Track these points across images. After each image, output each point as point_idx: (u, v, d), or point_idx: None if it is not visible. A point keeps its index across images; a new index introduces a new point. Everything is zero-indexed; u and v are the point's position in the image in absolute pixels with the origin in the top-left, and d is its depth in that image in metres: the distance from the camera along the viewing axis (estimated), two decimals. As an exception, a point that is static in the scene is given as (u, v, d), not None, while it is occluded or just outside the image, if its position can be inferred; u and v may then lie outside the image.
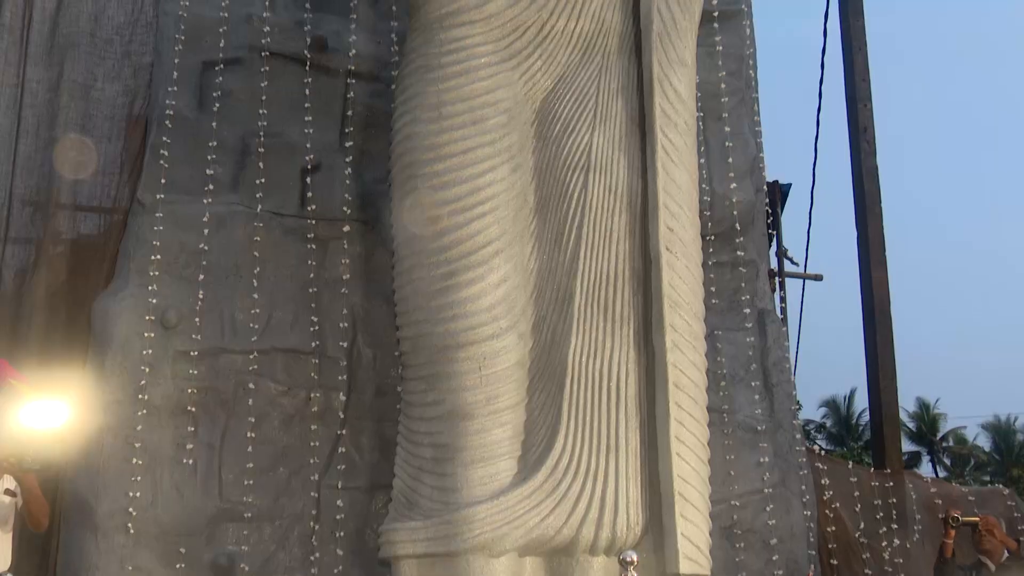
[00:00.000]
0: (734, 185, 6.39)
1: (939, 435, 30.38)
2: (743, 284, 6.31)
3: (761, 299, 6.47)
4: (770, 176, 7.32)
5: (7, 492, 4.54)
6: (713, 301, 6.14)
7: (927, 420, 30.24)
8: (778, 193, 8.76)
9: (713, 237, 6.18)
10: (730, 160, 6.46)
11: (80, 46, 6.28)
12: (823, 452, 7.63)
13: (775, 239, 7.71)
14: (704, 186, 6.22)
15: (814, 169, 8.69)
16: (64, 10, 6.33)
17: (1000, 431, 30.06)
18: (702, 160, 6.23)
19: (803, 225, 8.91)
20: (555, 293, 4.93)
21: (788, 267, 7.74)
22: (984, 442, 30.48)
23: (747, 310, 6.27)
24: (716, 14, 6.60)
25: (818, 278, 8.01)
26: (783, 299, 7.39)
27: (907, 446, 26.63)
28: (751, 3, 7.02)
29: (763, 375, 6.25)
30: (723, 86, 6.58)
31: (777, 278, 7.39)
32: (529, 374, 4.80)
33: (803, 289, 8.67)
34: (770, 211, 7.31)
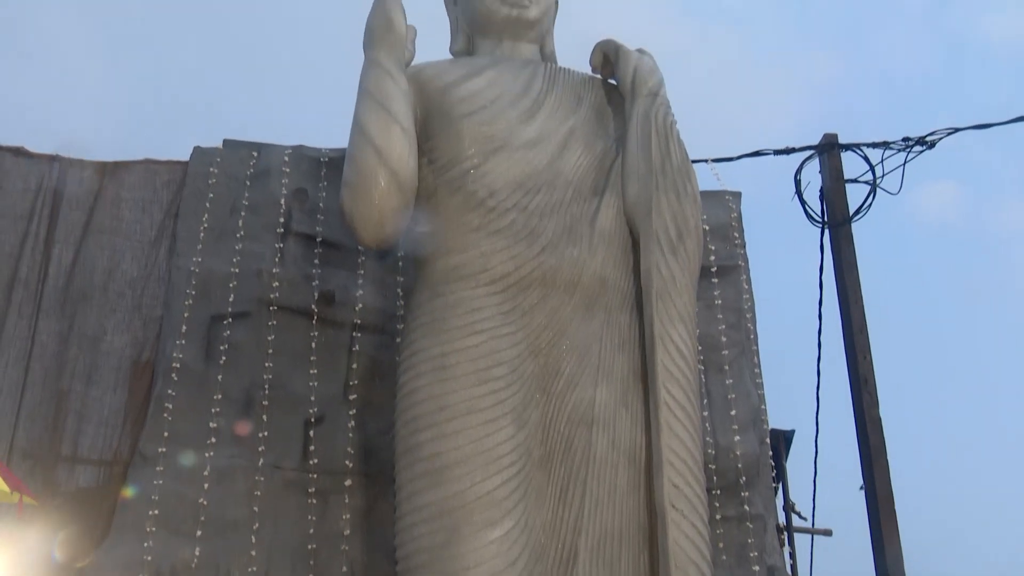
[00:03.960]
0: (738, 438, 6.36)
1: None
2: (751, 540, 6.17)
3: (770, 555, 6.31)
4: (772, 422, 7.30)
5: None
6: (722, 557, 6.00)
7: (947, 676, 28.83)
8: (782, 441, 8.70)
9: (719, 491, 6.11)
10: (733, 412, 6.46)
11: (93, 299, 6.42)
12: None
13: (781, 491, 7.61)
14: (708, 439, 6.20)
15: (817, 418, 8.67)
16: (80, 264, 6.51)
17: None
18: (705, 413, 6.25)
19: (808, 471, 8.80)
20: (559, 551, 4.81)
21: (796, 522, 7.60)
22: None
23: (756, 567, 6.10)
24: (714, 269, 6.78)
25: (827, 533, 7.85)
26: (792, 555, 7.21)
27: None
28: (748, 258, 7.21)
29: (775, 636, 6.02)
30: (723, 339, 6.68)
31: (785, 533, 7.24)
32: (533, 637, 4.61)
33: (812, 544, 8.46)
34: (774, 463, 7.25)
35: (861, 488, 6.80)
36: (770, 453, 6.86)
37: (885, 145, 7.76)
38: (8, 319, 6.26)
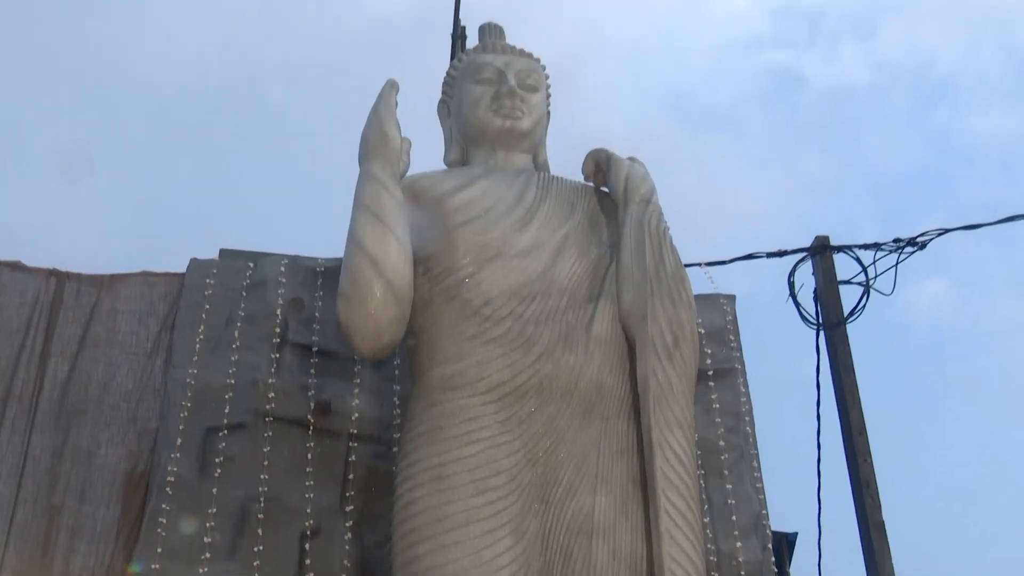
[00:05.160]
0: (740, 544, 6.27)
1: None
2: (757, 650, 6.05)
3: (776, 665, 6.17)
4: (774, 524, 7.21)
5: None
6: (727, 669, 5.87)
7: None
8: (784, 544, 8.57)
9: (722, 599, 5.99)
10: (734, 518, 6.38)
11: (87, 413, 6.38)
12: None
13: (786, 597, 7.47)
14: (709, 545, 6.11)
15: (819, 520, 8.56)
16: (75, 377, 6.49)
17: None
18: (706, 519, 6.16)
19: (812, 575, 8.62)
20: (561, 665, 4.72)
21: (803, 630, 7.43)
22: None
23: (763, 678, 5.97)
24: (711, 373, 6.77)
25: (835, 642, 7.66)
26: (800, 666, 7.05)
27: None
28: (744, 361, 7.21)
29: None
30: (722, 443, 6.64)
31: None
32: None
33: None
34: (777, 568, 7.12)
35: None
36: (772, 559, 6.75)
37: (877, 247, 7.83)
38: (1, 434, 6.21)
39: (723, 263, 7.91)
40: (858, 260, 7.85)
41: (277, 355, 6.42)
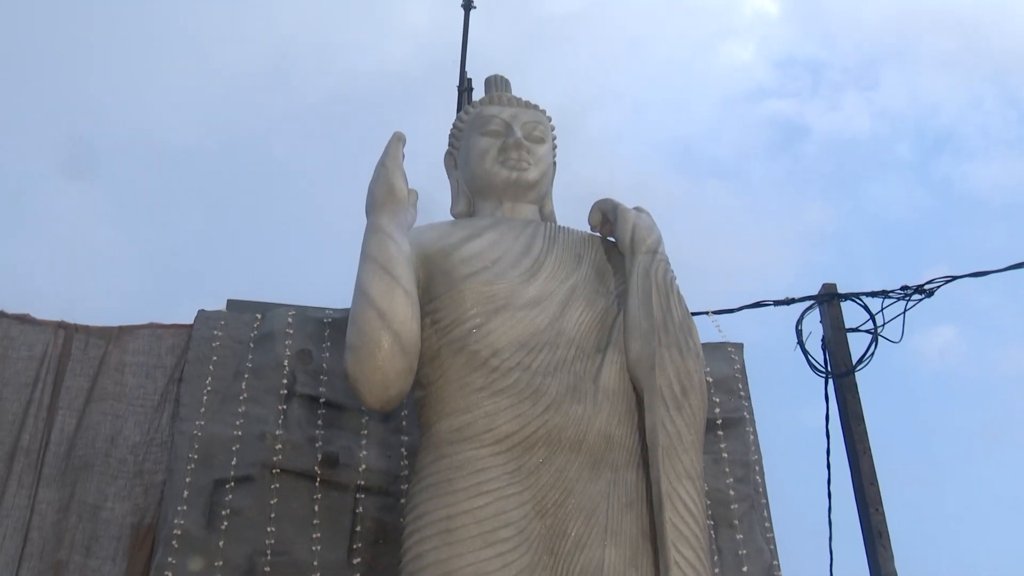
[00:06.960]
0: (751, 596, 6.21)
1: None
2: None
3: None
4: (786, 574, 7.14)
5: None
6: None
7: None
8: (797, 596, 8.48)
9: (734, 653, 5.93)
10: (744, 569, 6.33)
11: (94, 466, 6.35)
12: None
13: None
14: (721, 598, 6.05)
15: (831, 570, 8.48)
16: (83, 431, 6.48)
17: None
18: (716, 570, 6.11)
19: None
20: None
21: None
22: None
23: None
24: (720, 422, 6.74)
25: None
26: None
27: None
28: (753, 410, 7.17)
29: None
30: (732, 493, 6.59)
31: None
32: None
33: None
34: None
35: None
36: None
37: (884, 294, 7.83)
38: (8, 489, 6.19)
39: (731, 311, 7.91)
40: (866, 308, 7.85)
41: (284, 407, 6.41)
